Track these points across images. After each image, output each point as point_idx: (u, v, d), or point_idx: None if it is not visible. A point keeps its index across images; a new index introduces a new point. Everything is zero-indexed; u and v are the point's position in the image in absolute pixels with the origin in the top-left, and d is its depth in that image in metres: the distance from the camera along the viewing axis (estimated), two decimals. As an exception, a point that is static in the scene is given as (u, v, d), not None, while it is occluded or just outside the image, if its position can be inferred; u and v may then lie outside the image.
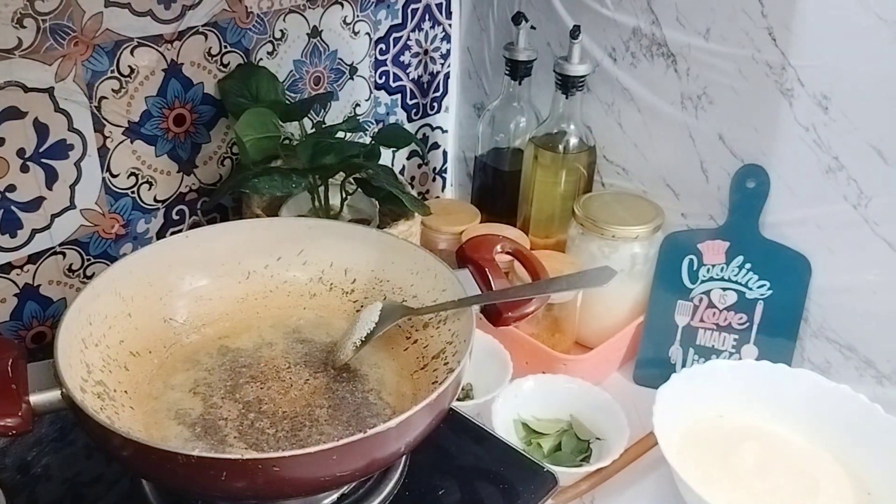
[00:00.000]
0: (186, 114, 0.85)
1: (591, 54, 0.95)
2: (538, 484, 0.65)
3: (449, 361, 0.64)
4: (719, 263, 0.87)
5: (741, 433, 0.76)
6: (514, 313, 0.66)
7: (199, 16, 0.81)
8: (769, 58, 0.81)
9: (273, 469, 0.49)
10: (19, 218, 0.75)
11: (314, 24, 0.94)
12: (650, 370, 0.88)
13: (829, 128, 0.78)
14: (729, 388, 0.78)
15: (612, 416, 0.76)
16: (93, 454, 0.67)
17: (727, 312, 0.87)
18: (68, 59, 0.73)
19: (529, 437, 0.77)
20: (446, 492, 0.64)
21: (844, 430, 0.74)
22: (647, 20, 0.89)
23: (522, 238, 0.95)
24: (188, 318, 0.71)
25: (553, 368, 0.82)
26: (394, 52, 1.05)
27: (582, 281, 0.72)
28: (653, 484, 0.74)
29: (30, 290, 0.78)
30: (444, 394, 0.56)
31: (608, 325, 0.89)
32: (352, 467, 0.53)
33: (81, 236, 0.80)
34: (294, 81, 0.95)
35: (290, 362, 0.68)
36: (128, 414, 0.61)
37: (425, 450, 0.59)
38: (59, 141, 0.75)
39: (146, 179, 0.84)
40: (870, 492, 0.71)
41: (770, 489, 0.71)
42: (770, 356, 0.81)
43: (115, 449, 0.52)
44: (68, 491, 0.64)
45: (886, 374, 0.81)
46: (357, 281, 0.74)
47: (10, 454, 0.66)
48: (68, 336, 0.58)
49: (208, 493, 0.56)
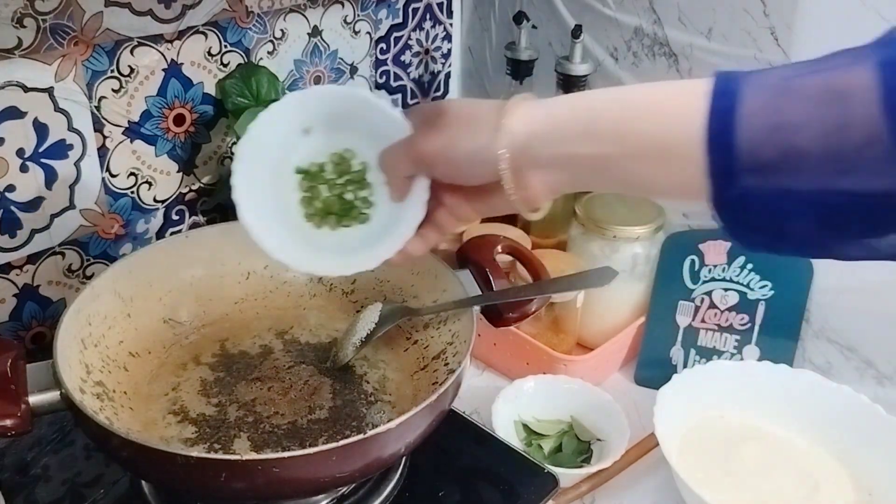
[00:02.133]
0: (186, 113, 0.85)
1: (593, 54, 0.94)
2: (539, 485, 0.65)
3: (449, 362, 0.64)
4: (721, 264, 0.87)
5: (742, 434, 0.76)
6: (514, 314, 0.66)
7: (200, 15, 0.81)
8: (771, 57, 0.80)
9: (273, 470, 0.49)
10: (19, 218, 0.75)
11: (315, 23, 0.93)
12: (651, 371, 0.88)
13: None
14: (730, 388, 0.78)
15: (613, 416, 0.76)
16: (92, 455, 0.66)
17: (729, 313, 0.87)
18: (68, 58, 0.73)
19: (530, 438, 0.77)
20: (446, 493, 0.64)
21: (845, 431, 0.74)
22: (649, 20, 0.89)
23: (523, 238, 0.95)
24: (188, 319, 0.71)
25: (554, 369, 0.82)
26: (394, 51, 1.05)
27: (583, 281, 0.72)
28: (654, 485, 0.74)
29: (29, 291, 0.78)
30: (445, 394, 0.56)
31: (609, 326, 0.89)
32: (351, 468, 0.53)
33: (81, 236, 0.80)
34: (294, 81, 0.95)
35: (290, 363, 0.68)
36: (127, 414, 0.61)
37: (425, 451, 0.59)
38: (59, 141, 0.75)
39: (146, 179, 0.84)
40: (871, 492, 0.71)
41: (771, 490, 0.70)
42: (771, 357, 0.81)
43: (115, 449, 0.52)
44: (68, 491, 0.64)
45: (887, 374, 0.81)
46: (357, 281, 0.74)
47: (9, 455, 0.66)
48: (68, 336, 0.58)
49: (208, 494, 0.56)
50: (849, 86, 0.37)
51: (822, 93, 0.38)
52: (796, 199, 0.40)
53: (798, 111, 0.39)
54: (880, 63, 0.37)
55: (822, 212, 0.40)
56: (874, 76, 0.37)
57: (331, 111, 0.55)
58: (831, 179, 0.39)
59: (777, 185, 0.40)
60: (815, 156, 0.38)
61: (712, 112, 0.41)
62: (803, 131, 0.38)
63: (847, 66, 0.38)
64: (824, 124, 0.38)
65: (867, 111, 0.37)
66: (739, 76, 0.42)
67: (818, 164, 0.39)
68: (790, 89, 0.39)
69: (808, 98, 0.39)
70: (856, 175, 0.38)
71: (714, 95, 0.41)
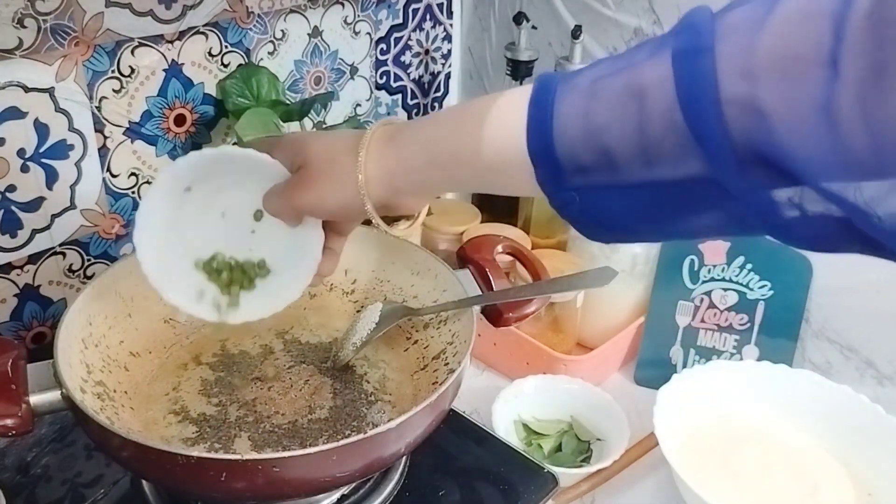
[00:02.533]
0: (187, 114, 0.85)
1: (593, 54, 0.94)
2: (538, 485, 0.65)
3: (449, 362, 0.64)
4: (720, 264, 0.87)
5: (742, 434, 0.76)
6: (514, 314, 0.66)
7: (200, 16, 0.81)
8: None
9: (273, 469, 0.49)
10: (19, 218, 0.75)
11: (315, 23, 0.94)
12: (651, 371, 0.88)
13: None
14: (730, 388, 0.78)
15: (613, 416, 0.76)
16: (93, 455, 0.66)
17: (728, 313, 0.87)
18: (69, 59, 0.73)
19: (530, 438, 0.77)
20: (446, 493, 0.64)
21: (845, 431, 0.74)
22: (649, 20, 0.89)
23: (523, 238, 0.95)
24: (188, 319, 0.71)
25: (554, 369, 0.82)
26: (395, 52, 1.05)
27: (582, 281, 0.72)
28: (653, 485, 0.74)
29: (30, 291, 0.78)
30: (445, 394, 0.56)
31: (609, 326, 0.89)
32: (352, 468, 0.53)
33: (82, 236, 0.80)
34: (295, 81, 0.95)
35: (291, 363, 0.68)
36: (128, 414, 0.61)
37: (425, 451, 0.59)
38: (60, 141, 0.75)
39: (147, 179, 0.84)
40: (870, 492, 0.71)
41: (771, 490, 0.71)
42: (771, 357, 0.81)
43: (115, 449, 0.52)
44: (68, 491, 0.64)
45: (887, 374, 0.81)
46: (357, 281, 0.74)
47: (9, 454, 0.66)
48: (68, 336, 0.58)
49: (208, 494, 0.56)
50: (646, 82, 0.39)
51: (623, 93, 0.40)
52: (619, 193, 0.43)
53: (604, 113, 0.41)
54: (673, 54, 0.39)
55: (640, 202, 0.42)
56: (668, 68, 0.38)
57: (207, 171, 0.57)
58: (643, 172, 0.41)
59: (599, 183, 0.43)
60: (625, 153, 0.41)
61: (530, 123, 0.44)
62: (611, 131, 0.41)
63: (644, 61, 0.40)
64: (627, 122, 0.40)
65: (664, 103, 0.38)
66: (557, 80, 0.44)
67: (629, 159, 0.41)
68: (596, 92, 0.42)
69: (611, 99, 0.41)
70: (662, 165, 0.40)
71: (531, 105, 0.44)
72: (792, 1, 0.36)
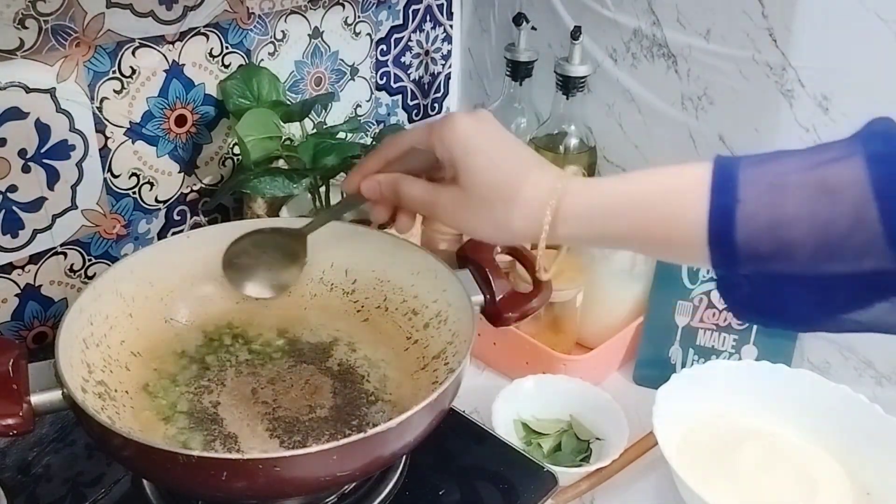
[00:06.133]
0: (188, 114, 0.85)
1: (592, 55, 0.95)
2: (538, 484, 0.65)
3: (449, 361, 0.64)
4: (719, 264, 0.87)
5: (741, 433, 0.76)
6: (514, 313, 0.66)
7: (201, 17, 0.82)
8: (770, 59, 0.81)
9: (273, 469, 0.49)
10: (21, 218, 0.75)
11: (315, 24, 0.94)
12: (650, 370, 0.88)
13: (830, 129, 0.78)
14: (729, 388, 0.78)
15: (612, 416, 0.76)
16: (93, 454, 0.67)
17: (727, 313, 0.87)
18: (70, 59, 0.73)
19: (529, 438, 0.78)
20: (446, 492, 0.64)
21: (844, 431, 0.74)
22: (648, 21, 0.89)
23: (523, 238, 0.95)
24: (189, 319, 0.71)
25: (553, 368, 0.82)
26: (395, 52, 1.06)
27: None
28: (653, 484, 0.74)
29: (31, 291, 0.79)
30: (445, 394, 0.56)
31: (608, 326, 0.89)
32: (352, 467, 0.53)
33: (83, 236, 0.80)
34: (295, 82, 0.95)
35: (291, 362, 0.68)
36: (129, 414, 0.61)
37: (425, 450, 0.59)
38: (61, 141, 0.75)
39: (147, 180, 0.84)
40: (869, 492, 0.71)
41: (769, 489, 0.71)
42: (770, 356, 0.81)
43: (116, 449, 0.52)
44: (69, 491, 0.64)
45: (886, 374, 0.81)
46: (358, 281, 0.74)
47: (10, 454, 0.66)
48: (69, 336, 0.58)
49: (209, 493, 0.56)
50: (840, 181, 0.42)
51: (815, 190, 0.43)
52: (790, 283, 0.45)
53: (792, 207, 0.43)
54: (867, 158, 0.42)
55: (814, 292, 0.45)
56: (863, 171, 0.41)
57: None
58: (822, 265, 0.43)
59: (773, 271, 0.45)
60: (808, 245, 0.43)
61: (713, 212, 0.45)
62: (797, 225, 0.43)
63: (834, 161, 0.43)
64: (816, 218, 0.43)
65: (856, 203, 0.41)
66: (739, 168, 0.46)
67: (810, 252, 0.43)
68: (785, 186, 0.44)
69: (802, 195, 0.43)
70: (843, 260, 0.43)
71: (714, 191, 0.46)
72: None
